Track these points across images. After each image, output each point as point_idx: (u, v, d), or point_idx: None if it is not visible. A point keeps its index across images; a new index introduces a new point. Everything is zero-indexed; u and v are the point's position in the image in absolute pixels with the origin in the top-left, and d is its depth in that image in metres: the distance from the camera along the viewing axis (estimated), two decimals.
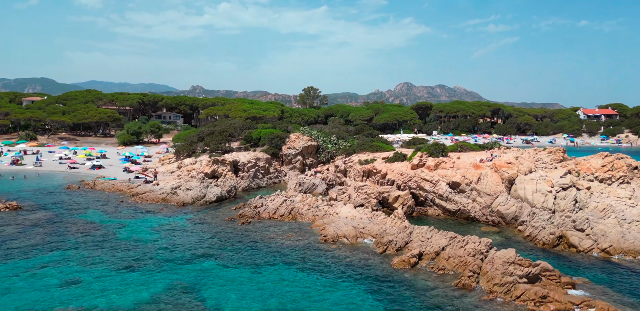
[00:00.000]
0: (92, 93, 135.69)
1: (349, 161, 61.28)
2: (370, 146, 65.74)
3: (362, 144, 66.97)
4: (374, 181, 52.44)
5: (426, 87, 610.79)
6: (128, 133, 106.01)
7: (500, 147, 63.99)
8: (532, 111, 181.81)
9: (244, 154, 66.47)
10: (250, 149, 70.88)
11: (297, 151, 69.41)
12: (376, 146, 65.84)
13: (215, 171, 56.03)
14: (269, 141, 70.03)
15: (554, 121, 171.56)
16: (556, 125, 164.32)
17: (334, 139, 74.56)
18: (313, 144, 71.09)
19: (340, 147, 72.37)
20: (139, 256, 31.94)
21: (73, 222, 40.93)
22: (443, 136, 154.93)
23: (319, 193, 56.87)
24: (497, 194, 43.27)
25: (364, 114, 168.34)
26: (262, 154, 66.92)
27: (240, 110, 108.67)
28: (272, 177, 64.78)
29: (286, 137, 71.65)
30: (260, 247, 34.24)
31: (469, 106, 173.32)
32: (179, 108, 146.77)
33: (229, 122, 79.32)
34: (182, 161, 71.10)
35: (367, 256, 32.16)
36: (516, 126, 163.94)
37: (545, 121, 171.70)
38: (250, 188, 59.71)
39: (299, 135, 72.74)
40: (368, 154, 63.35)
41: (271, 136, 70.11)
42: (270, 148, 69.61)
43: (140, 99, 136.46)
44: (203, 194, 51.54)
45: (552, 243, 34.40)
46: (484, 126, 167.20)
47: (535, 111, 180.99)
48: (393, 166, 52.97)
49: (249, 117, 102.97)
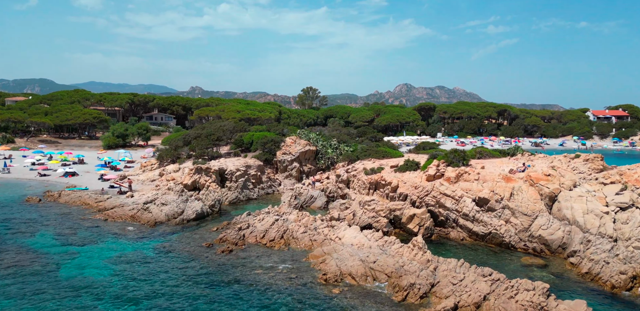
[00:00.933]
0: (79, 93, 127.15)
1: (352, 169, 52.81)
2: (375, 152, 57.29)
3: (367, 149, 58.51)
4: (382, 194, 43.97)
5: (426, 89, 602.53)
6: (113, 136, 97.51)
7: (524, 153, 55.59)
8: (540, 112, 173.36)
9: (233, 160, 58.00)
10: (240, 155, 62.37)
11: (293, 157, 60.96)
12: (383, 152, 57.41)
13: (197, 181, 47.52)
14: (261, 145, 61.58)
15: (563, 122, 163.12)
16: (565, 127, 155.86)
17: (334, 143, 66.15)
18: (311, 149, 62.64)
19: (341, 153, 63.95)
20: (75, 307, 23.43)
21: (10, 249, 32.41)
22: (448, 138, 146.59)
23: (318, 207, 48.39)
24: (536, 214, 34.77)
25: (365, 115, 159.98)
26: (253, 160, 58.43)
27: (234, 111, 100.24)
28: (264, 187, 56.31)
29: (281, 142, 63.19)
30: (241, 291, 25.73)
31: (474, 107, 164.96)
32: (171, 109, 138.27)
33: (219, 125, 70.84)
34: (164, 167, 62.68)
35: (381, 307, 23.66)
36: (523, 128, 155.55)
37: (553, 122, 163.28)
38: (238, 200, 51.23)
39: (296, 139, 64.30)
40: (374, 161, 54.94)
41: (264, 140, 61.66)
42: (263, 154, 61.14)
43: (130, 99, 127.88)
44: (180, 210, 43.04)
45: (625, 286, 25.93)
46: (490, 127, 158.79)
47: (543, 112, 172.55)
48: (405, 176, 44.51)
49: (243, 118, 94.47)
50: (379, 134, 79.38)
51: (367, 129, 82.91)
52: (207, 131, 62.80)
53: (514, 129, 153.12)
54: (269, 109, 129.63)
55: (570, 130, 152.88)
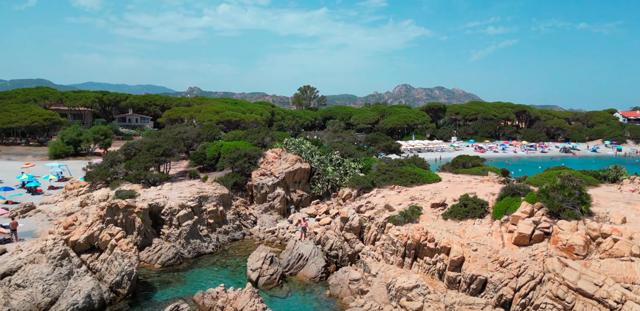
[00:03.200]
0: (37, 91, 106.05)
1: (366, 205, 31.79)
2: (400, 175, 36.27)
3: (387, 170, 37.41)
4: (430, 268, 22.95)
5: (425, 89, 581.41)
6: (63, 142, 76.45)
7: (633, 177, 34.57)
8: (561, 113, 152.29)
9: (183, 187, 37.04)
10: (199, 177, 41.26)
11: (276, 180, 39.93)
12: (410, 174, 36.41)
13: (96, 237, 26.25)
14: (230, 162, 40.59)
15: (589, 125, 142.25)
16: (593, 130, 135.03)
17: (336, 157, 45.17)
18: (303, 167, 41.62)
19: (347, 172, 43.00)
20: None
21: None
22: (463, 143, 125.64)
23: (311, 277, 27.33)
24: None
25: (369, 116, 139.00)
26: (214, 187, 37.38)
27: (211, 112, 79.13)
28: (229, 229, 35.28)
29: (259, 156, 42.20)
30: None
31: (489, 107, 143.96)
32: (148, 109, 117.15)
33: (177, 130, 49.78)
34: (92, 193, 41.80)
35: None
36: (545, 131, 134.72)
37: (576, 125, 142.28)
38: (180, 258, 30.18)
39: (281, 152, 43.29)
40: (399, 190, 34.02)
41: (234, 154, 40.64)
42: (231, 175, 40.16)
43: (98, 98, 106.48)
44: (51, 298, 22.15)
45: None
46: (508, 130, 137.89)
47: (564, 114, 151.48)
48: (467, 231, 23.57)
49: (222, 121, 73.42)
50: (394, 143, 58.23)
51: (379, 136, 61.79)
52: (153, 141, 41.64)
53: (535, 132, 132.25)
54: (259, 110, 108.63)
55: (600, 133, 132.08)
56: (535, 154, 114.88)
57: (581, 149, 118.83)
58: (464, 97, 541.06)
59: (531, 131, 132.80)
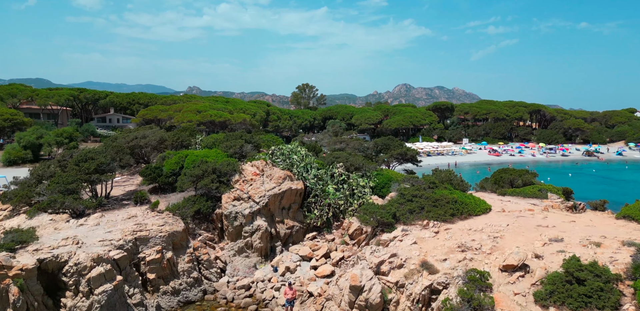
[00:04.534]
0: (6, 88, 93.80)
1: (390, 259, 19.77)
2: (435, 204, 24.24)
3: (414, 195, 25.29)
4: None
5: (425, 89, 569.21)
6: (20, 146, 64.48)
7: None
8: (578, 113, 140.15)
9: (116, 221, 25.00)
10: (147, 201, 29.13)
11: (255, 207, 27.88)
12: (449, 203, 24.39)
13: None
14: (191, 181, 28.51)
15: (608, 125, 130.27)
16: (614, 131, 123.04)
17: (339, 172, 33.12)
18: (294, 187, 29.55)
19: (354, 192, 31.05)
20: None
21: None
22: (475, 145, 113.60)
23: None
24: None
25: (372, 116, 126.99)
26: (162, 220, 25.32)
27: (191, 111, 66.90)
28: (180, 287, 23.24)
29: (234, 173, 30.11)
30: None
31: (501, 106, 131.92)
32: (131, 108, 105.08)
33: (133, 135, 37.67)
34: (7, 221, 29.75)
35: None
36: (562, 132, 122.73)
37: (595, 125, 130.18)
38: None
39: (264, 166, 31.21)
40: (435, 229, 22.03)
41: (198, 170, 28.56)
42: (191, 201, 28.10)
43: (73, 95, 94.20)
44: None
45: None
46: (522, 131, 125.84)
47: (581, 113, 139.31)
48: None
49: (205, 122, 61.37)
50: (410, 150, 46.25)
51: (390, 141, 49.72)
52: (85, 152, 29.47)
53: (552, 133, 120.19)
54: (252, 109, 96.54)
55: (622, 134, 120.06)
56: (556, 158, 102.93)
57: (604, 151, 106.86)
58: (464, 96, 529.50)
59: (547, 132, 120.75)
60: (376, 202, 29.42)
